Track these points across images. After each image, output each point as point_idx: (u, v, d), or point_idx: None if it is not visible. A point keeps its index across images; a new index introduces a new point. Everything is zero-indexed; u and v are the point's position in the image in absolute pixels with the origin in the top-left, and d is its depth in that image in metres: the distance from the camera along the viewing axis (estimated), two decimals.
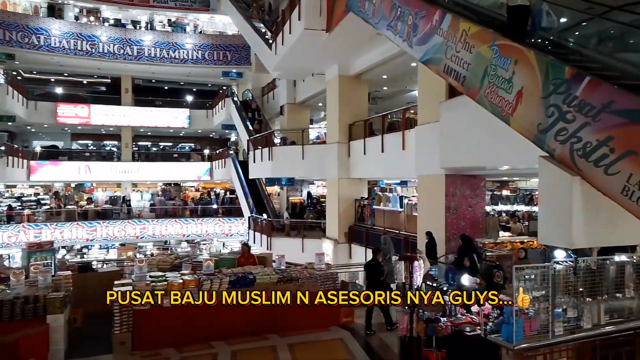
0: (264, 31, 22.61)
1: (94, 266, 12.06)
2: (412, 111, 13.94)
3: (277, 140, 20.83)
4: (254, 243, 20.79)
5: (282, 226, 20.23)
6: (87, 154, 31.95)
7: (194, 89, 35.66)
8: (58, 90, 32.23)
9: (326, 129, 19.60)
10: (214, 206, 28.50)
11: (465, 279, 7.02)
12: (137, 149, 33.87)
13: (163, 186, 33.55)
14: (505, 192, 17.86)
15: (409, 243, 13.08)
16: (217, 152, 31.76)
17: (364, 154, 16.23)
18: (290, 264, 9.90)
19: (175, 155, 34.27)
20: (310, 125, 25.66)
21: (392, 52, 14.00)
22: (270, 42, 19.63)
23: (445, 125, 10.77)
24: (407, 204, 14.37)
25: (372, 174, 17.26)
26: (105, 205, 27.82)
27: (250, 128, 24.74)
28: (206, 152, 33.45)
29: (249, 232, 22.58)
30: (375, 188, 20.48)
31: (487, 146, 9.04)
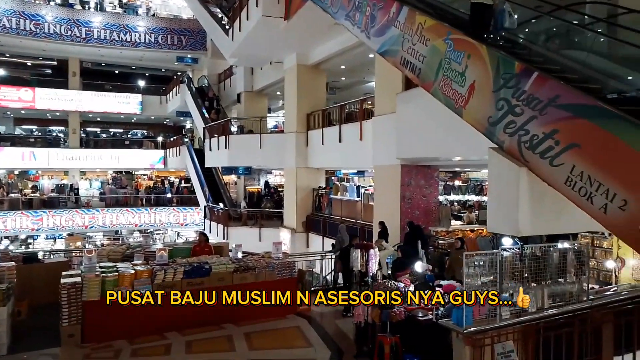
0: (220, 16, 22.12)
1: (40, 257, 11.52)
2: (369, 102, 14.11)
3: (234, 128, 20.54)
4: (210, 233, 20.49)
5: (239, 215, 20.07)
6: (32, 140, 30.25)
7: (147, 74, 34.46)
8: None
9: (284, 118, 19.50)
10: (168, 195, 27.84)
11: (418, 266, 7.23)
12: (85, 135, 32.49)
13: (114, 174, 32.41)
14: (457, 183, 18.44)
15: (365, 232, 13.30)
16: (172, 139, 30.96)
17: (322, 143, 16.29)
18: (247, 253, 9.83)
19: (127, 143, 33.09)
20: (268, 114, 25.45)
21: (351, 42, 14.07)
22: (227, 28, 19.24)
23: (401, 117, 10.98)
24: (363, 193, 14.59)
25: (330, 163, 17.37)
26: (51, 194, 26.57)
27: (207, 116, 24.23)
28: (160, 139, 32.53)
29: (205, 222, 22.23)
30: (333, 178, 20.64)
31: (441, 138, 9.30)
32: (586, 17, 6.40)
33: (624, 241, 4.98)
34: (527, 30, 6.94)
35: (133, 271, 7.72)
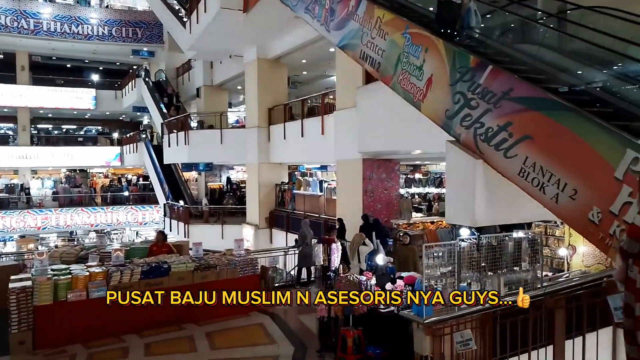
0: (177, 8, 21.53)
1: None
2: (331, 96, 14.09)
3: (193, 124, 20.11)
4: (171, 231, 20.05)
5: (201, 213, 19.73)
6: None
7: (101, 68, 33.24)
8: None
9: (245, 112, 19.24)
10: (126, 193, 26.98)
11: (380, 259, 7.29)
12: (36, 132, 31.08)
13: (67, 172, 31.14)
14: (417, 176, 18.72)
15: (328, 226, 13.31)
16: (128, 135, 30.03)
17: (284, 138, 16.18)
18: (208, 251, 9.64)
19: (81, 139, 31.88)
20: (229, 109, 25.05)
21: (312, 36, 13.97)
22: (185, 20, 18.76)
23: (362, 111, 11.02)
24: (326, 188, 14.60)
25: (293, 158, 17.29)
26: (0, 194, 25.26)
27: (165, 111, 23.62)
28: (115, 135, 31.49)
29: (165, 220, 21.71)
30: (296, 173, 20.56)
31: (401, 131, 9.39)
32: (538, 12, 6.60)
33: (574, 229, 5.18)
34: (482, 25, 7.08)
35: (87, 273, 7.44)
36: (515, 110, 5.19)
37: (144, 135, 26.85)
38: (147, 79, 26.18)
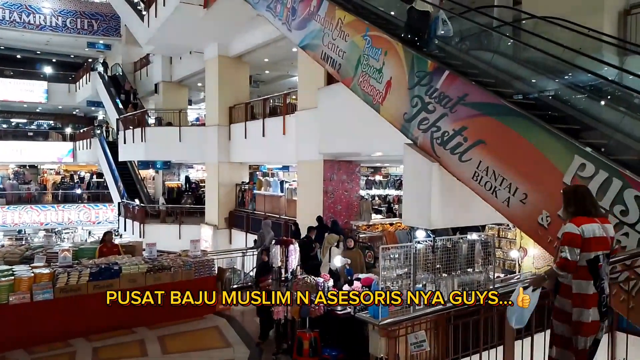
0: (136, 1, 20.88)
1: None
2: (293, 96, 14.02)
3: (151, 120, 19.52)
4: (126, 231, 19.42)
5: (157, 212, 19.19)
6: None
7: (54, 60, 31.83)
8: None
9: (206, 110, 18.88)
10: (78, 191, 25.91)
11: (337, 261, 7.28)
12: None
13: (16, 168, 29.63)
14: (378, 178, 18.93)
15: (289, 227, 13.23)
16: (82, 131, 28.87)
17: (245, 137, 15.98)
18: (162, 252, 9.36)
19: (31, 134, 30.38)
20: (189, 106, 24.51)
21: (274, 35, 13.83)
22: (143, 13, 18.21)
23: (323, 112, 11.00)
24: (287, 188, 14.51)
25: (253, 158, 17.09)
26: None
27: (121, 106, 22.85)
28: (68, 131, 30.21)
29: (119, 220, 20.99)
30: (257, 173, 20.35)
31: (362, 133, 9.43)
32: (494, 20, 6.76)
33: (524, 232, 5.32)
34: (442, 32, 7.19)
35: (32, 274, 7.06)
36: (470, 115, 5.30)
37: (98, 131, 25.90)
38: (103, 73, 25.25)
